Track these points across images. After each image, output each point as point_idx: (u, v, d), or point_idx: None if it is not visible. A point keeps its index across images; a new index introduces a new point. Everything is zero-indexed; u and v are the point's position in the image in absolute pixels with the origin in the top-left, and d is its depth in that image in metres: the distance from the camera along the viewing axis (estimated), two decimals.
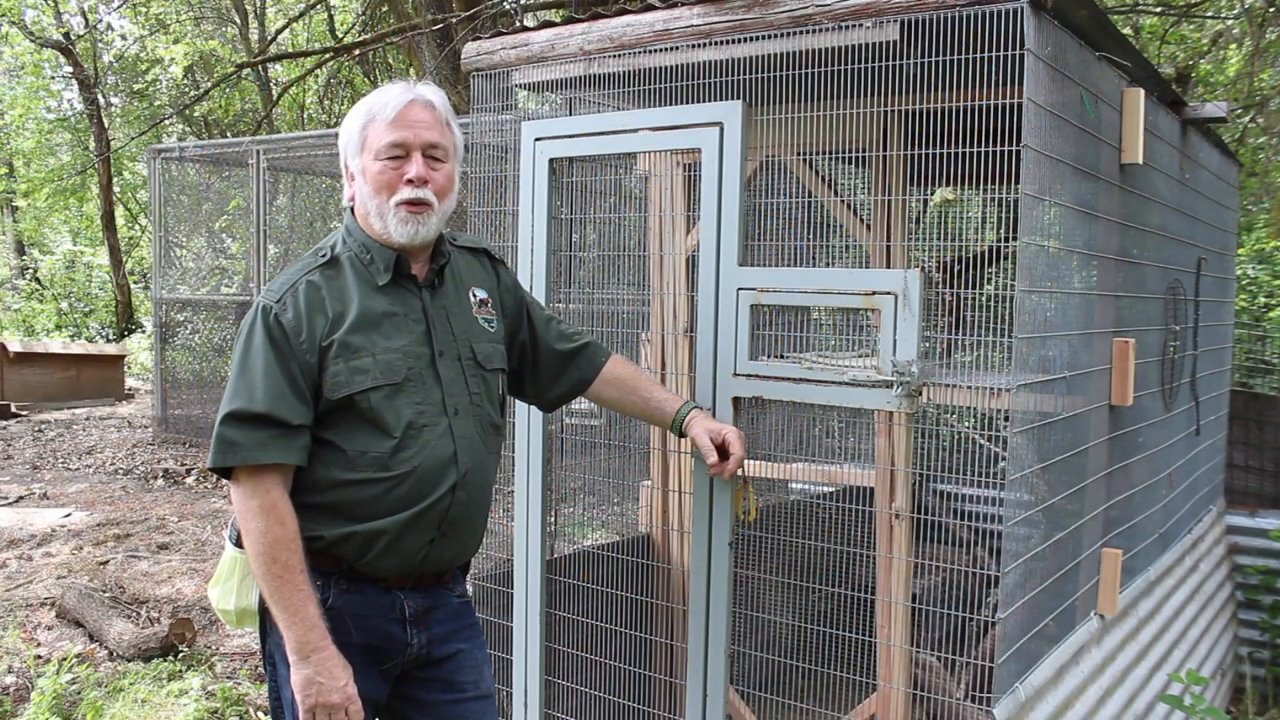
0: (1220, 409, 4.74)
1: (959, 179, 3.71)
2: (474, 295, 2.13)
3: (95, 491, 7.76)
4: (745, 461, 2.28)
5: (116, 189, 19.73)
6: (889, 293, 2.17)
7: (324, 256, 2.01)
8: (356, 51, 13.35)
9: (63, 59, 18.30)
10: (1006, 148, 2.25)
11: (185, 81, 17.86)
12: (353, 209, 2.06)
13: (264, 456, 1.85)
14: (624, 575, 3.05)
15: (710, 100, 2.68)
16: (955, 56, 2.31)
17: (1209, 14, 9.79)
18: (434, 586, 2.08)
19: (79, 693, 4.03)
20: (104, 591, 5.16)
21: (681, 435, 2.31)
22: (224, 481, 8.27)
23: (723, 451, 2.23)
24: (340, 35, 15.40)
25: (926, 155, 2.60)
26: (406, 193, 1.96)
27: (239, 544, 1.95)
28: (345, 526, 1.94)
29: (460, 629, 2.13)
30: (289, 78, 16.65)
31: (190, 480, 8.20)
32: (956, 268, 3.47)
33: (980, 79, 2.37)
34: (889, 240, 2.95)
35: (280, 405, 1.86)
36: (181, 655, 4.43)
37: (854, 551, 3.09)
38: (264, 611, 1.99)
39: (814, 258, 3.52)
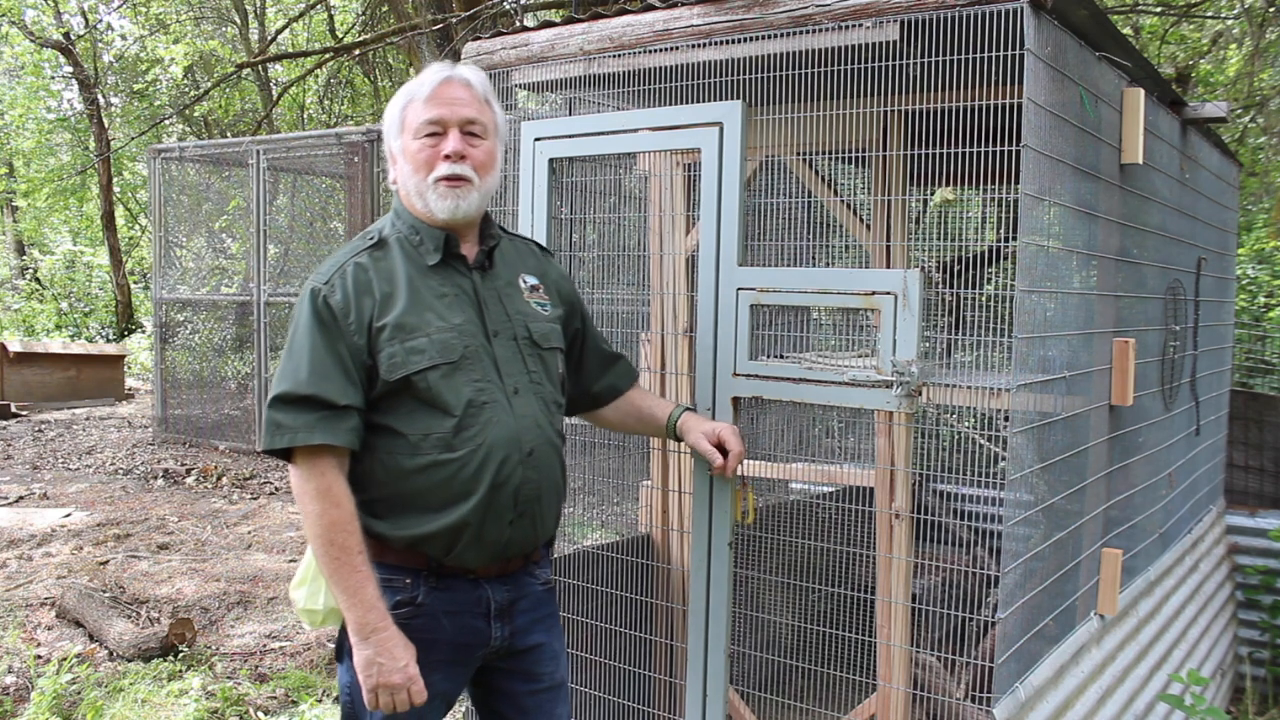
0: (1220, 409, 4.74)
1: (959, 179, 3.71)
2: (524, 281, 2.13)
3: (95, 491, 7.76)
4: (745, 462, 2.29)
5: (116, 189, 19.72)
6: (889, 293, 2.17)
7: (372, 239, 2.02)
8: (356, 51, 13.35)
9: (63, 59, 18.29)
10: (1006, 148, 2.25)
11: (185, 81, 17.85)
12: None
13: (310, 438, 1.85)
14: (624, 575, 3.05)
15: (710, 100, 2.68)
16: (955, 56, 2.31)
17: (1209, 14, 9.79)
18: (519, 573, 2.08)
19: (79, 693, 4.03)
20: (104, 591, 5.16)
21: (678, 439, 2.32)
22: (223, 481, 8.20)
23: (722, 450, 2.24)
24: (340, 35, 15.40)
25: (926, 155, 2.60)
26: (444, 168, 1.97)
27: None
28: (426, 523, 1.93)
29: (542, 618, 2.13)
30: (289, 78, 16.65)
31: (190, 480, 8.20)
32: (956, 268, 3.48)
33: (980, 79, 2.37)
34: (889, 240, 2.95)
35: (325, 386, 1.87)
36: (181, 655, 4.43)
37: (854, 551, 3.09)
38: None
39: (814, 258, 3.52)
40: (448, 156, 1.97)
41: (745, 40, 2.55)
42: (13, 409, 11.24)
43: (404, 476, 1.93)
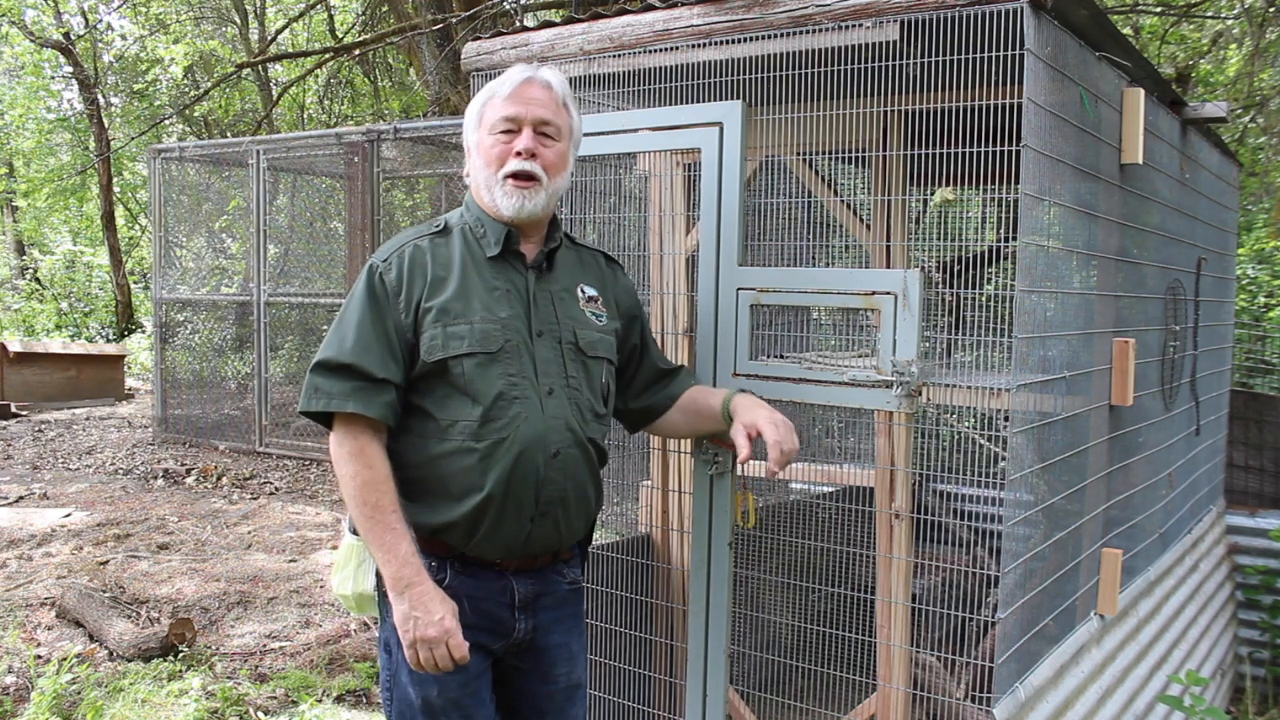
0: (1220, 409, 4.74)
1: (959, 179, 3.71)
2: (583, 291, 2.15)
3: (95, 491, 7.76)
4: (745, 464, 2.25)
5: (116, 189, 19.71)
6: (889, 293, 2.17)
7: (437, 227, 2.09)
8: (356, 51, 13.36)
9: (63, 59, 18.28)
10: (1006, 148, 2.25)
11: (185, 81, 17.86)
12: None
13: (343, 405, 1.90)
14: (624, 575, 3.05)
15: (710, 100, 2.68)
16: (955, 56, 2.31)
17: (1209, 14, 9.79)
18: (546, 569, 2.10)
19: (79, 693, 4.03)
20: (104, 591, 5.16)
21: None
22: (223, 481, 8.19)
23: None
24: (340, 35, 15.40)
25: (926, 155, 2.60)
26: (514, 165, 2.01)
27: (356, 531, 2.00)
28: (447, 510, 1.96)
29: (563, 618, 2.14)
30: (289, 78, 16.65)
31: (190, 480, 8.20)
32: (956, 268, 3.48)
33: (980, 79, 2.37)
34: (889, 240, 2.95)
35: (365, 357, 1.92)
36: (181, 655, 4.43)
37: (854, 551, 3.09)
38: (383, 596, 2.01)
39: (814, 258, 3.52)
40: (519, 154, 2.01)
41: (745, 40, 2.55)
42: (13, 409, 11.24)
43: (431, 461, 1.97)
